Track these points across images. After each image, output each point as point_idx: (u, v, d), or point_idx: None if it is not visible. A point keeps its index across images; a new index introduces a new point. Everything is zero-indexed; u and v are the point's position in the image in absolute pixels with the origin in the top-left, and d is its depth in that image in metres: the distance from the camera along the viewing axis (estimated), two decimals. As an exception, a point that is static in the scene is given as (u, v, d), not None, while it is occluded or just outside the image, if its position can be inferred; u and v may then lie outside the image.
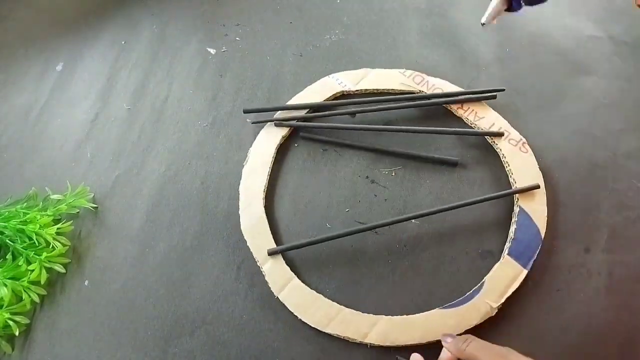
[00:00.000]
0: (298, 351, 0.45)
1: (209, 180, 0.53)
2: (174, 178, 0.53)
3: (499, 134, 0.53)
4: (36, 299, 0.46)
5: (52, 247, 0.47)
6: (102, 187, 0.53)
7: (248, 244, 0.48)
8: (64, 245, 0.48)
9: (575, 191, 0.51)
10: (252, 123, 0.55)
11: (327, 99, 0.56)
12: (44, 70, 0.61)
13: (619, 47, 0.59)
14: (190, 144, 0.55)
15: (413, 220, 0.49)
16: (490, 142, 0.53)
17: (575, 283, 0.47)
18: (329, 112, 0.55)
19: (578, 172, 0.52)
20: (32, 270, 0.46)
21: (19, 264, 0.46)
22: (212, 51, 0.61)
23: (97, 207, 0.52)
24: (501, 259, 0.47)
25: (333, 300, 0.45)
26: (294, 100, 0.56)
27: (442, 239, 0.49)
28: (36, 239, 0.47)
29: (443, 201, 0.51)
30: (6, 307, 0.45)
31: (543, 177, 0.51)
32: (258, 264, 0.47)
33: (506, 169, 0.52)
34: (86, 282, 0.48)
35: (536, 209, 0.49)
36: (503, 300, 0.44)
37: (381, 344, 0.43)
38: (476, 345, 0.38)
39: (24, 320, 0.46)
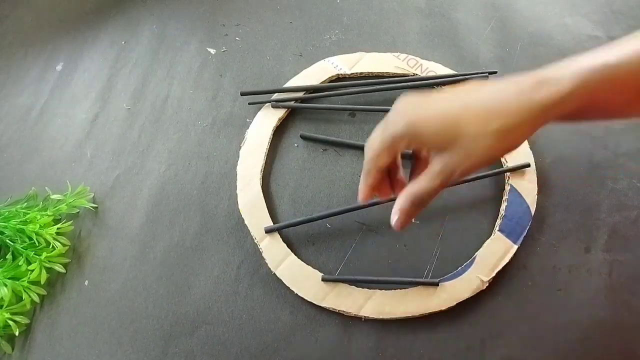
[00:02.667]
0: (299, 351, 0.45)
1: (209, 180, 0.53)
2: (174, 178, 0.53)
3: None
4: (36, 299, 0.46)
5: (52, 247, 0.47)
6: (102, 187, 0.53)
7: (246, 223, 0.49)
8: (64, 245, 0.48)
9: (575, 191, 0.51)
10: (249, 104, 0.56)
11: (323, 82, 0.57)
12: (44, 70, 0.61)
13: (618, 47, 0.59)
14: (190, 144, 0.55)
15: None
16: None
17: (575, 283, 0.47)
18: (325, 93, 0.56)
19: (578, 172, 0.52)
20: (32, 270, 0.46)
21: (19, 264, 0.46)
22: (212, 51, 0.61)
23: (97, 207, 0.52)
24: (492, 235, 0.48)
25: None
26: (291, 84, 0.57)
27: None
28: (36, 239, 0.47)
29: (443, 200, 0.51)
30: (6, 307, 0.45)
31: (543, 176, 0.51)
32: (255, 241, 0.48)
33: None
34: (86, 282, 0.48)
35: (526, 186, 0.50)
36: (494, 274, 0.46)
37: (375, 316, 0.45)
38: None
39: (24, 320, 0.46)
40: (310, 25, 0.62)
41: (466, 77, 0.56)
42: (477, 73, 0.56)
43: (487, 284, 0.46)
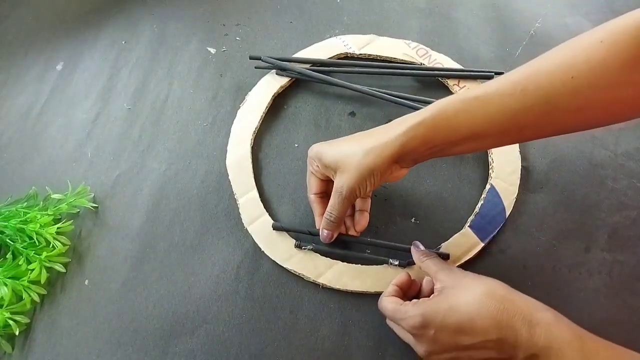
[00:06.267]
0: (299, 351, 0.45)
1: (209, 179, 0.53)
2: (174, 177, 0.53)
3: None
4: (36, 298, 0.46)
5: (53, 246, 0.47)
6: (102, 187, 0.53)
7: (230, 178, 0.51)
8: (64, 244, 0.48)
9: (575, 191, 0.51)
10: (256, 67, 0.57)
11: (330, 58, 0.58)
12: (44, 70, 0.61)
13: (618, 47, 0.59)
14: (191, 144, 0.55)
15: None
16: None
17: (575, 283, 0.47)
18: (330, 69, 0.57)
19: (578, 172, 0.52)
20: (32, 270, 0.46)
21: (19, 263, 0.46)
22: (212, 51, 0.61)
23: (97, 206, 0.52)
24: (462, 229, 0.48)
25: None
26: (299, 55, 0.59)
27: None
28: (36, 239, 0.47)
29: (443, 200, 0.51)
30: (6, 306, 0.45)
31: (543, 176, 0.51)
32: (235, 196, 0.50)
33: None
34: (86, 282, 0.48)
35: (507, 188, 0.50)
36: (455, 266, 0.46)
37: (332, 285, 0.46)
38: (435, 262, 0.42)
39: (24, 319, 0.46)
40: (310, 25, 0.62)
41: (471, 73, 0.56)
42: (483, 71, 0.56)
43: None
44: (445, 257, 0.46)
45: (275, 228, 0.49)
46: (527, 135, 0.41)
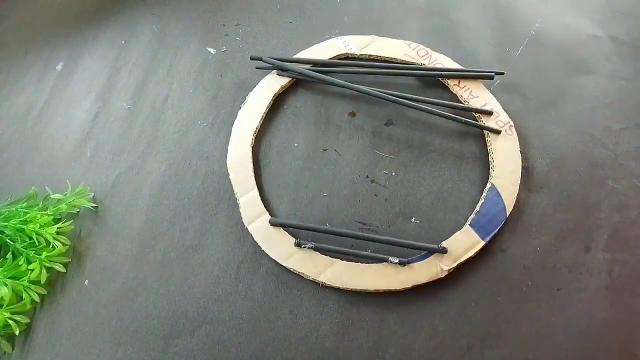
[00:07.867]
0: (299, 350, 0.45)
1: (209, 179, 0.53)
2: (174, 178, 0.53)
3: (487, 112, 0.54)
4: (36, 298, 0.46)
5: (52, 246, 0.47)
6: (102, 187, 0.53)
7: (230, 178, 0.51)
8: (64, 244, 0.48)
9: (575, 191, 0.51)
10: (257, 68, 0.57)
11: (331, 59, 0.58)
12: (44, 70, 0.61)
13: (619, 47, 0.59)
14: (191, 144, 0.55)
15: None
16: (479, 121, 0.54)
17: (575, 283, 0.47)
18: (331, 69, 0.57)
19: (578, 172, 0.52)
20: (32, 270, 0.46)
21: (19, 263, 0.46)
22: (212, 51, 0.61)
23: (97, 206, 0.52)
24: (463, 227, 0.48)
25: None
26: (300, 55, 0.59)
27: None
28: (36, 239, 0.47)
29: (444, 200, 0.51)
30: (6, 306, 0.45)
31: (543, 176, 0.51)
32: (236, 196, 0.50)
33: (488, 147, 0.52)
34: (86, 282, 0.48)
35: (507, 187, 0.50)
36: (455, 265, 0.47)
37: (332, 284, 0.46)
38: None
39: (24, 319, 0.46)
40: (310, 25, 0.62)
41: (471, 73, 0.56)
42: (483, 71, 0.56)
43: (446, 273, 0.46)
44: (443, 251, 0.47)
45: (272, 224, 0.49)
46: None
